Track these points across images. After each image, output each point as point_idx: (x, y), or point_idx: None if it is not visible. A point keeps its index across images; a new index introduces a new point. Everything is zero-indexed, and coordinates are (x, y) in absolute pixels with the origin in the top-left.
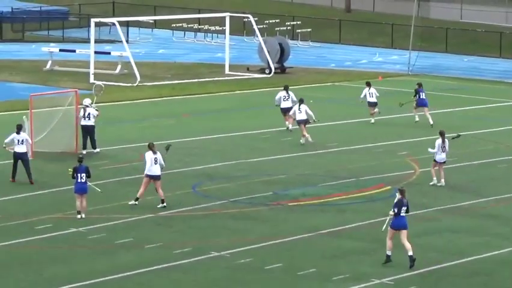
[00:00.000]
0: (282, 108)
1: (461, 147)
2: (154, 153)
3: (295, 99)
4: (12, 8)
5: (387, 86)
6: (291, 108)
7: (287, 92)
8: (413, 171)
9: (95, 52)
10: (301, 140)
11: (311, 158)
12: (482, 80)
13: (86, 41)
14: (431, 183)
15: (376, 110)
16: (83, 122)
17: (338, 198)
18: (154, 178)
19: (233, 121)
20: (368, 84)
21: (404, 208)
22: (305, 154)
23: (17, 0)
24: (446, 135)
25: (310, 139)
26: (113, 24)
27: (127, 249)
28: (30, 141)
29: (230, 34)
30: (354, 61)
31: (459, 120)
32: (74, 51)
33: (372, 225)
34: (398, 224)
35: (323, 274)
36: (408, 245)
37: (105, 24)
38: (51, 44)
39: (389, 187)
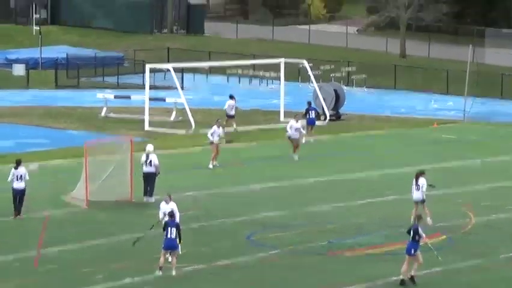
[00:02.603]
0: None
1: None
2: (166, 204)
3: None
4: (67, 55)
5: (443, 132)
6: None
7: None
8: (468, 219)
9: (150, 99)
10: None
11: (367, 207)
12: None
13: (141, 87)
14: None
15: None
16: (145, 169)
17: (393, 247)
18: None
19: (288, 169)
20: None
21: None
22: (360, 203)
23: (72, 47)
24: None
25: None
26: (168, 70)
27: None
28: (27, 177)
29: (285, 80)
30: (409, 107)
31: None
32: (129, 97)
33: (428, 275)
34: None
35: None
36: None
37: (160, 70)
38: (106, 91)
39: (444, 236)
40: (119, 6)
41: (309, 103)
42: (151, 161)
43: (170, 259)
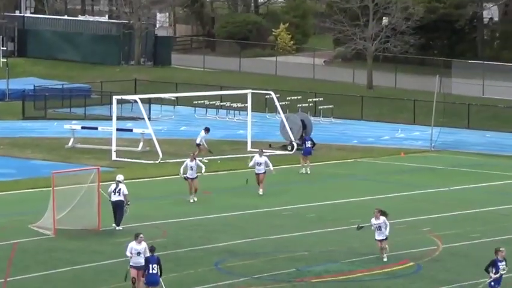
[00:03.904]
0: None
1: (484, 224)
2: (139, 243)
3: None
4: (34, 86)
5: (410, 162)
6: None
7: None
8: (435, 247)
9: (117, 129)
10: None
11: (333, 235)
12: (505, 156)
13: (108, 118)
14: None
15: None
16: (113, 198)
17: (360, 274)
18: (138, 269)
19: (255, 198)
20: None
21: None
22: (327, 231)
23: (39, 78)
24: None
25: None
26: (135, 101)
27: None
28: None
29: (252, 111)
30: (376, 137)
31: (481, 196)
32: (96, 128)
33: None
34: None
35: None
36: None
37: (127, 101)
38: (73, 122)
39: (412, 263)
40: (86, 38)
41: (305, 132)
42: (119, 190)
43: None
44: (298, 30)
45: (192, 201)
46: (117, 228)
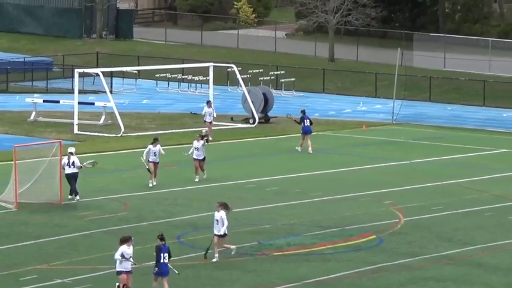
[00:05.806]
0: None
1: (446, 196)
2: (129, 247)
3: None
4: None
5: (371, 135)
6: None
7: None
8: (397, 220)
9: (79, 103)
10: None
11: (296, 208)
12: (466, 129)
13: (70, 91)
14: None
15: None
16: (68, 170)
17: (323, 247)
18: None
19: (217, 171)
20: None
21: None
22: (290, 204)
23: (1, 52)
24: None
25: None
26: (97, 74)
27: None
28: None
29: (214, 84)
30: (337, 110)
31: (443, 169)
32: (58, 101)
33: (357, 275)
34: None
35: None
36: None
37: (89, 74)
38: (35, 95)
39: (374, 236)
40: (48, 11)
41: (303, 111)
42: (73, 162)
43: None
44: (259, 3)
45: (151, 185)
46: (75, 197)
